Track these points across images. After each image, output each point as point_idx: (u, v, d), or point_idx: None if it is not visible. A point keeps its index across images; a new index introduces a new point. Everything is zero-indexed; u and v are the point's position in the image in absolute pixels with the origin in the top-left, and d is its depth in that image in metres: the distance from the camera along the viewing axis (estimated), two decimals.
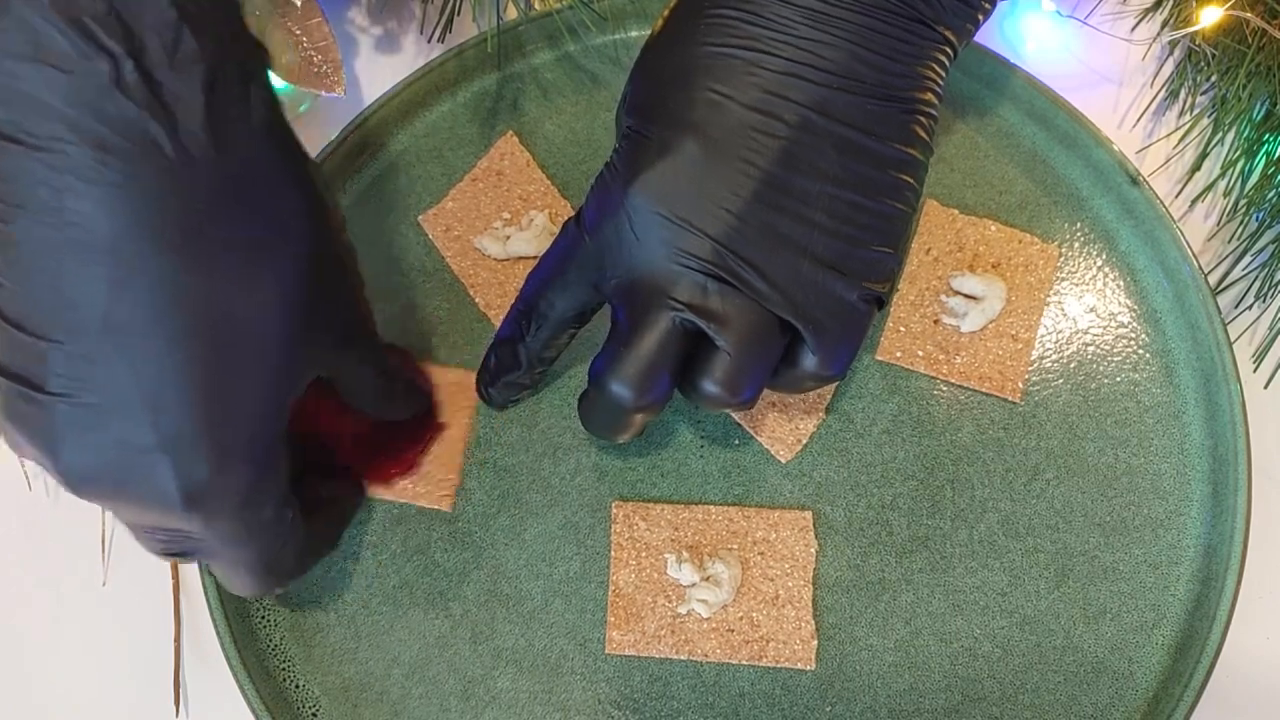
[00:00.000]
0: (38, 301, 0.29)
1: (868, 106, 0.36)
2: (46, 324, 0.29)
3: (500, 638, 0.44)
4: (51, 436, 0.30)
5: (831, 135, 0.36)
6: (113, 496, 0.32)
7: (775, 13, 0.36)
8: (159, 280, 0.29)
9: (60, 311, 0.29)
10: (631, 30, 0.50)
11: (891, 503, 0.45)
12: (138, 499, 0.32)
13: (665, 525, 0.44)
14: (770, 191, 0.36)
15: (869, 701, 0.43)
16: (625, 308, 0.38)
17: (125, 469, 0.31)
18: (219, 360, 0.31)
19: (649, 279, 0.37)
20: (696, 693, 0.43)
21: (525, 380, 0.43)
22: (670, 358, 0.37)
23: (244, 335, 0.32)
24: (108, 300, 0.29)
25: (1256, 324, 0.48)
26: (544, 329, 0.41)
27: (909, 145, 0.37)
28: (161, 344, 0.30)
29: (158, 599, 0.47)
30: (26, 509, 0.49)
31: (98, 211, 0.28)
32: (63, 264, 0.29)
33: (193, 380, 0.30)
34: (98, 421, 0.30)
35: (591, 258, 0.38)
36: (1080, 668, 0.43)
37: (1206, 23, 0.48)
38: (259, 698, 0.43)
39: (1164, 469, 0.45)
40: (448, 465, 0.46)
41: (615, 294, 0.38)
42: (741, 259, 0.36)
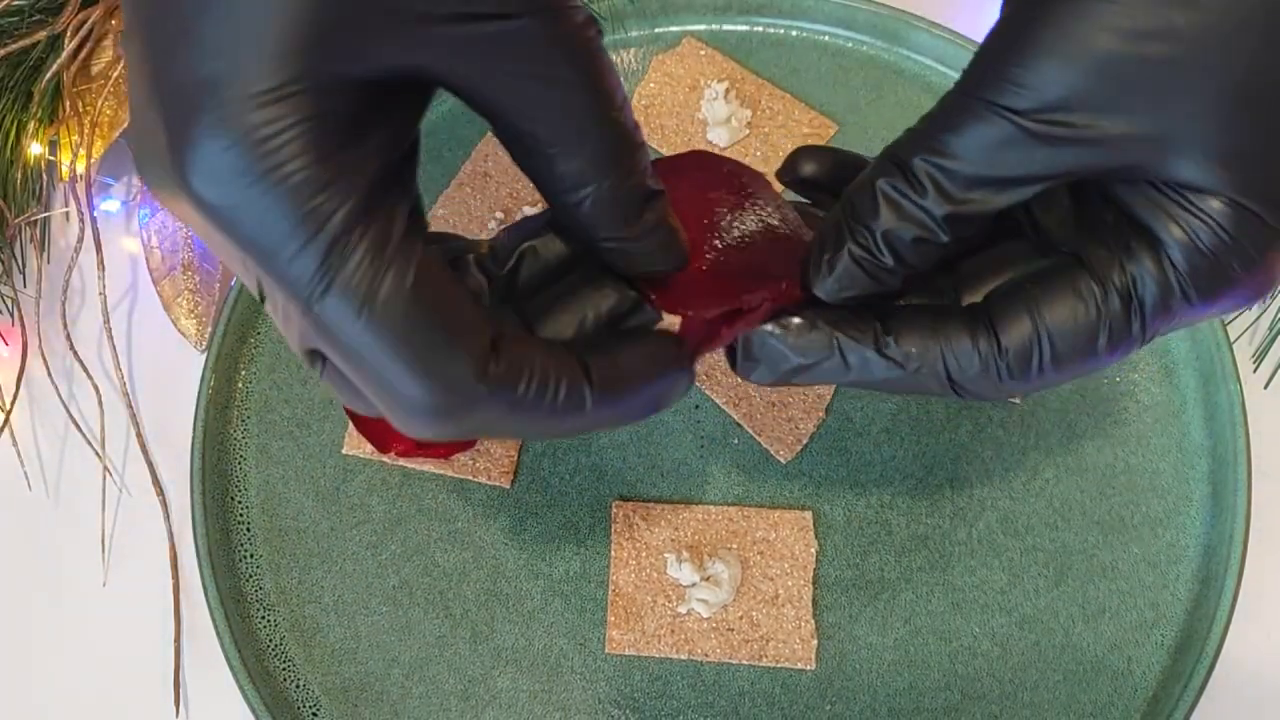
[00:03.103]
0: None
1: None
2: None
3: (500, 637, 0.44)
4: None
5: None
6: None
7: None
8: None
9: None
10: (632, 30, 0.50)
11: (891, 502, 0.45)
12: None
13: (665, 525, 0.44)
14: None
15: (869, 700, 0.43)
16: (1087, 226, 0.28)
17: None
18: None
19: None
20: (696, 692, 0.43)
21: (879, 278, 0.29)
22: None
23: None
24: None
25: (1256, 324, 0.48)
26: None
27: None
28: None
29: (158, 599, 0.47)
30: (26, 509, 0.49)
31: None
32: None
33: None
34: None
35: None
36: (1079, 666, 0.43)
37: None
38: (259, 698, 0.43)
39: (1163, 468, 0.45)
40: (507, 442, 0.46)
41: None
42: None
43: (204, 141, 0.23)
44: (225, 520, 0.46)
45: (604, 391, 0.27)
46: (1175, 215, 0.27)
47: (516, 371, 0.26)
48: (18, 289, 0.51)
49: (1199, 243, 0.27)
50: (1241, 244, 0.27)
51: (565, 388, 0.26)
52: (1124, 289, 0.28)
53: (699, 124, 0.50)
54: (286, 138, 0.23)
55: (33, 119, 0.51)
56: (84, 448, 0.49)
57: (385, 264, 0.24)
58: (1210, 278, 0.27)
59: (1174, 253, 0.27)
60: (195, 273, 0.49)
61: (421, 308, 0.24)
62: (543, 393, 0.26)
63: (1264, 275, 0.28)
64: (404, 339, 0.24)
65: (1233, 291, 0.28)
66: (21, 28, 0.51)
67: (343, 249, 0.23)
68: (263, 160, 0.22)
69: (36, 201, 0.51)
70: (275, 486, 0.46)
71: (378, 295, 0.24)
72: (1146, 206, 0.28)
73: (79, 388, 0.50)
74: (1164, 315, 0.28)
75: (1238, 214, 0.27)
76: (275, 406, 0.47)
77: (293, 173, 0.23)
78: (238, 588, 0.45)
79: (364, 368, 0.25)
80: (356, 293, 0.23)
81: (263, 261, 0.24)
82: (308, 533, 0.46)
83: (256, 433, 0.47)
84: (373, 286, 0.23)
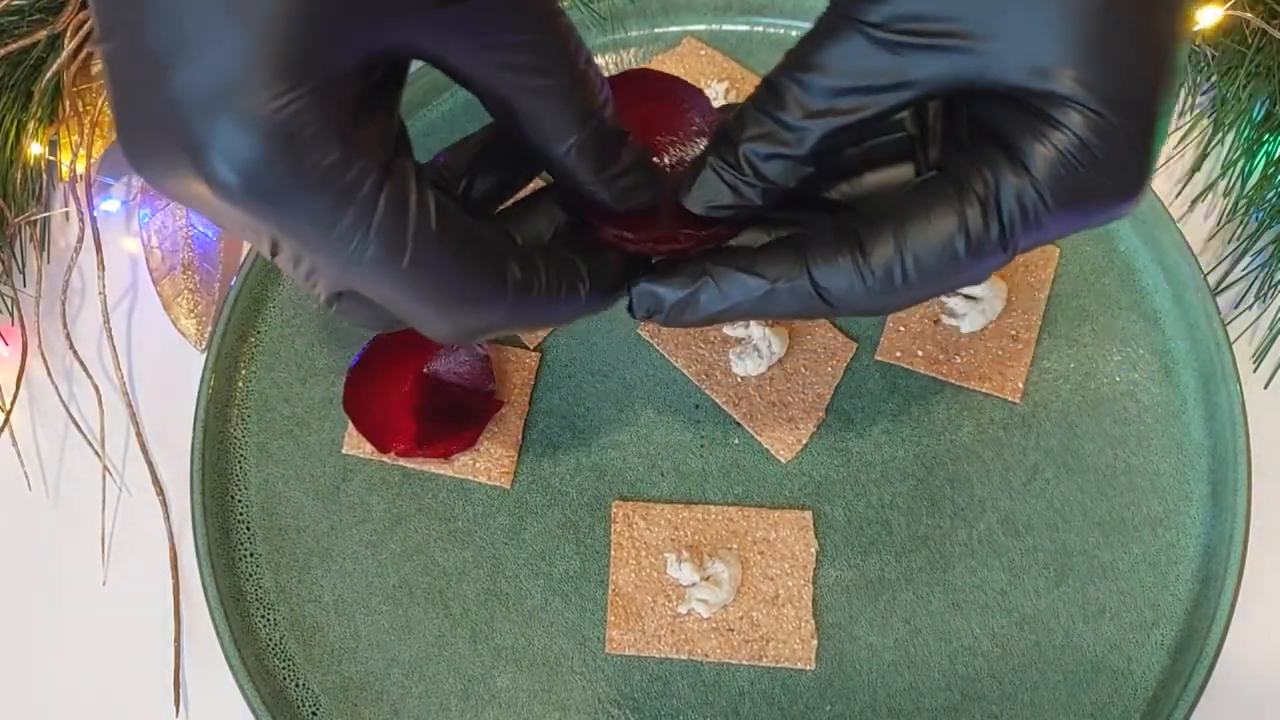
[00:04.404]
0: None
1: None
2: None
3: (500, 637, 0.44)
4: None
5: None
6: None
7: None
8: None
9: None
10: (632, 30, 0.50)
11: (891, 502, 0.45)
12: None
13: (665, 525, 0.44)
14: None
15: (869, 700, 0.43)
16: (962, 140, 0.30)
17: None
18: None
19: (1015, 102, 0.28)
20: (696, 692, 0.43)
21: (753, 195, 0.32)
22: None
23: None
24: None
25: (1256, 324, 0.48)
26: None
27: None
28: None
29: (158, 599, 0.47)
30: (26, 509, 0.49)
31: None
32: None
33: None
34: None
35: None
36: (1079, 666, 0.43)
37: (1206, 23, 0.48)
38: (259, 697, 0.43)
39: (1163, 468, 0.45)
40: (507, 443, 0.46)
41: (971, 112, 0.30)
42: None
43: (231, 140, 0.24)
44: (225, 520, 0.46)
45: (594, 287, 0.31)
46: (1031, 124, 0.28)
47: (530, 279, 0.30)
48: (18, 289, 0.51)
49: (1055, 149, 0.28)
50: (1098, 149, 0.28)
51: (567, 286, 0.31)
52: (984, 198, 0.29)
53: None
54: (308, 128, 0.24)
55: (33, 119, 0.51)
56: (84, 448, 0.49)
57: (412, 218, 0.27)
58: (1069, 184, 0.28)
59: (1031, 160, 0.28)
60: (195, 273, 0.49)
61: (449, 246, 0.28)
62: (552, 291, 0.30)
63: (1124, 179, 0.28)
64: (438, 278, 0.28)
65: (1094, 198, 0.29)
66: (21, 27, 0.51)
67: (375, 213, 0.26)
68: (291, 151, 0.24)
69: (36, 201, 0.51)
70: (275, 486, 0.46)
71: (410, 246, 0.27)
72: (1005, 118, 0.29)
73: (79, 388, 0.50)
74: (1027, 224, 0.29)
75: (1091, 120, 0.27)
76: (275, 406, 0.47)
77: (320, 157, 0.25)
78: (237, 587, 0.45)
79: (402, 305, 0.28)
80: (394, 247, 0.27)
81: (302, 238, 0.26)
82: (307, 532, 0.46)
83: (256, 432, 0.47)
84: (405, 239, 0.27)
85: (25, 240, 0.52)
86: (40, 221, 0.51)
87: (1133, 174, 0.29)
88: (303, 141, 0.24)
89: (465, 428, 0.45)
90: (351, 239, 0.26)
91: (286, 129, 0.24)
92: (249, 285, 0.48)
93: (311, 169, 0.25)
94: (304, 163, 0.25)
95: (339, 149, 0.25)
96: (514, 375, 0.47)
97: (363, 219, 0.26)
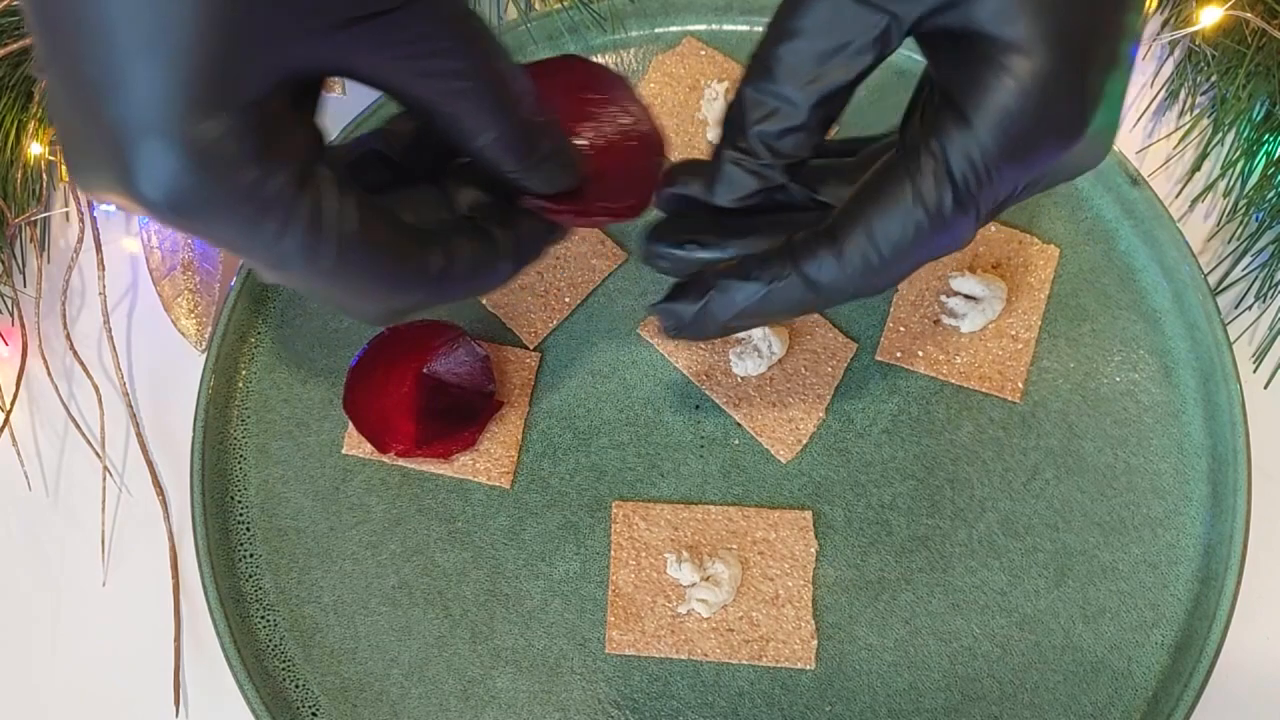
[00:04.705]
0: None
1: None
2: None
3: (499, 637, 0.44)
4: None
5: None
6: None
7: None
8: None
9: None
10: (632, 30, 0.50)
11: (891, 502, 0.45)
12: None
13: (665, 525, 0.44)
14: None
15: (869, 701, 0.43)
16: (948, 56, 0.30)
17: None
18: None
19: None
20: (696, 692, 0.43)
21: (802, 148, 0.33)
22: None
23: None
24: None
25: (1256, 324, 0.48)
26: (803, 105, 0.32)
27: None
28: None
29: (158, 599, 0.47)
30: (26, 509, 0.49)
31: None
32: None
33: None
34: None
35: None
36: (1079, 667, 0.43)
37: (1206, 23, 0.48)
38: (259, 698, 0.43)
39: (1163, 468, 0.45)
40: (507, 443, 0.46)
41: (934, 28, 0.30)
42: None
43: (156, 164, 0.26)
44: (225, 520, 0.46)
45: (515, 258, 0.33)
46: (978, 75, 0.29)
47: (449, 263, 0.31)
48: (18, 289, 0.51)
49: (996, 96, 0.29)
50: (1035, 93, 0.28)
51: (485, 263, 0.32)
52: (935, 166, 0.30)
53: (699, 124, 0.50)
54: (227, 149, 0.26)
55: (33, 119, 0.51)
56: (84, 448, 0.49)
57: (332, 223, 0.28)
58: (1011, 130, 0.29)
59: (975, 112, 0.29)
60: (195, 273, 0.49)
61: (369, 244, 0.29)
62: (472, 270, 0.32)
63: (1062, 123, 0.29)
64: (361, 273, 0.29)
65: (1036, 142, 0.29)
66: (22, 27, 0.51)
67: (296, 222, 0.28)
68: (211, 171, 0.26)
69: (36, 201, 0.51)
70: (275, 486, 0.46)
71: (333, 249, 0.28)
72: (953, 76, 0.30)
73: (79, 388, 0.50)
74: (979, 180, 0.30)
75: (1031, 64, 0.28)
76: (275, 406, 0.47)
77: (240, 175, 0.26)
78: (238, 588, 0.45)
79: (330, 296, 0.30)
80: (316, 250, 0.28)
81: (230, 246, 0.28)
82: (307, 532, 0.46)
83: (256, 433, 0.47)
84: (326, 243, 0.28)
85: (25, 240, 0.52)
86: (40, 221, 0.51)
87: (1071, 118, 0.29)
88: (222, 162, 0.26)
89: (465, 428, 0.45)
90: (276, 245, 0.28)
91: (206, 152, 0.26)
92: (249, 285, 0.48)
93: (232, 186, 0.26)
94: (225, 182, 0.26)
95: (257, 166, 0.26)
96: (514, 375, 0.47)
97: (284, 228, 0.27)
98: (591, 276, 0.48)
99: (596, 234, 0.48)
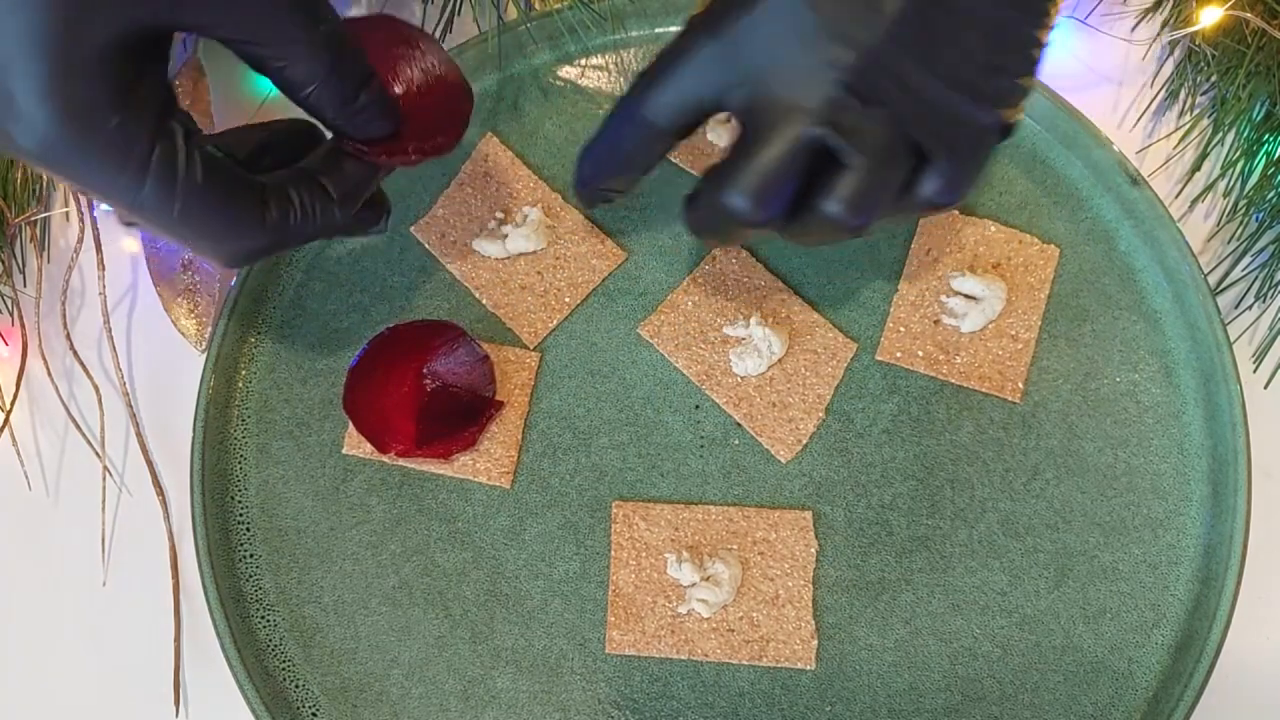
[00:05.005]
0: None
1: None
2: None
3: (500, 638, 0.44)
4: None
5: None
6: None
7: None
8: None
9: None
10: (632, 30, 0.50)
11: (891, 503, 0.45)
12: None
13: (665, 525, 0.44)
14: (921, 5, 0.34)
15: (869, 701, 0.43)
16: (752, 116, 0.35)
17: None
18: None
19: (783, 87, 0.34)
20: (696, 692, 0.43)
21: (620, 186, 0.41)
22: (796, 174, 0.35)
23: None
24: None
25: (1256, 324, 0.48)
26: (648, 138, 0.38)
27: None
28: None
29: (158, 599, 0.47)
30: (26, 509, 0.49)
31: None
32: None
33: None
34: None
35: (717, 59, 0.36)
36: (1080, 667, 0.43)
37: (1206, 23, 0.48)
38: (259, 698, 0.43)
39: (1163, 469, 0.45)
40: (507, 443, 0.46)
41: (740, 101, 0.36)
42: (888, 74, 0.34)
43: (32, 114, 0.31)
44: (225, 520, 0.46)
45: (343, 200, 0.38)
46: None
47: (284, 212, 0.36)
48: (18, 289, 0.51)
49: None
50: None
51: (321, 209, 0.37)
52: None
53: None
54: (89, 96, 0.31)
55: None
56: (84, 448, 0.49)
57: (180, 173, 0.33)
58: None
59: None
60: (195, 273, 0.49)
61: (211, 194, 0.34)
62: (306, 216, 0.37)
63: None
64: (205, 219, 0.34)
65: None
66: None
67: (149, 167, 0.32)
68: (78, 119, 0.31)
69: (36, 201, 0.51)
70: (275, 486, 0.46)
71: (180, 196, 0.33)
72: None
73: (79, 388, 0.50)
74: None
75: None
76: (275, 406, 0.47)
77: (102, 121, 0.31)
78: (238, 588, 0.45)
79: (179, 238, 0.35)
80: (166, 197, 0.33)
81: (92, 188, 0.33)
82: (307, 533, 0.46)
83: (256, 433, 0.47)
84: (174, 190, 0.33)
85: (25, 240, 0.52)
86: (40, 221, 0.51)
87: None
88: (84, 111, 0.31)
89: (465, 428, 0.45)
90: (134, 192, 0.33)
91: (70, 100, 0.30)
92: (249, 285, 0.48)
93: (95, 134, 0.31)
94: (88, 130, 0.31)
95: (115, 114, 0.31)
96: (514, 375, 0.47)
97: (140, 175, 0.32)
98: (591, 276, 0.48)
99: (596, 234, 0.48)
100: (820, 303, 0.47)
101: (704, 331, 0.47)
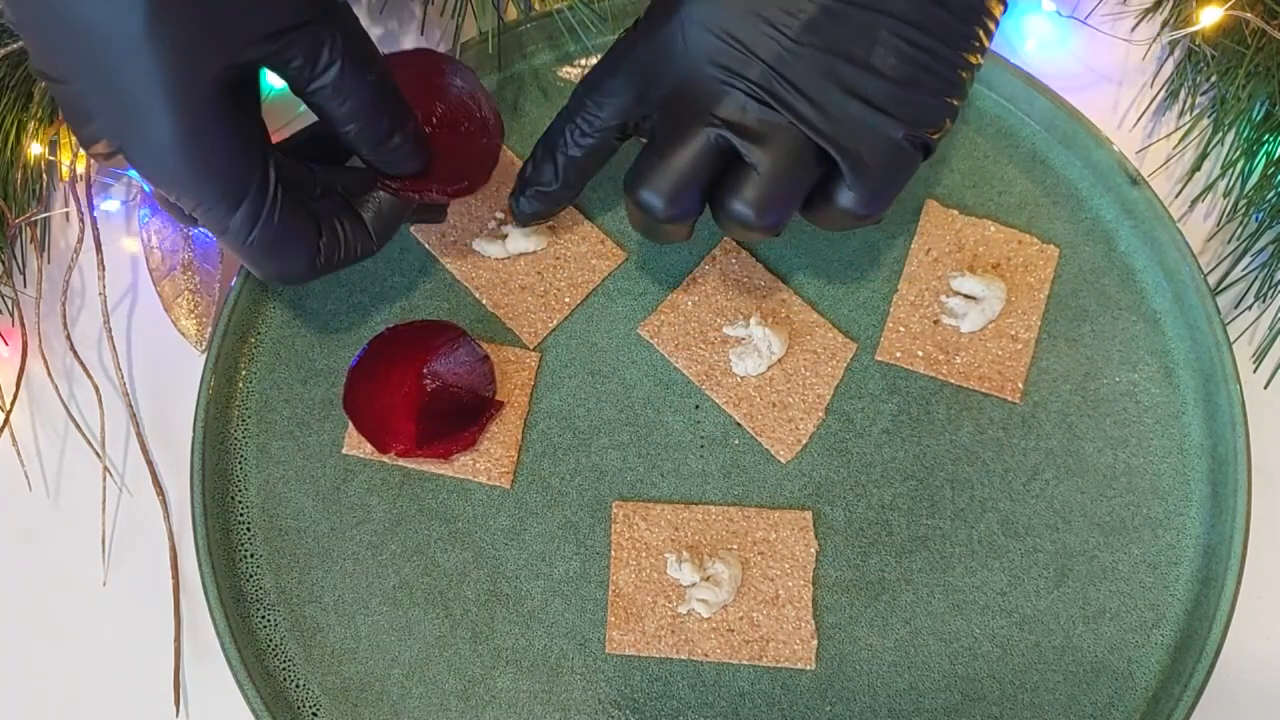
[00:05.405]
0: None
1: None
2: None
3: (500, 638, 0.44)
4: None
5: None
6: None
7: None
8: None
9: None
10: None
11: (891, 503, 0.45)
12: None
13: (665, 525, 0.44)
14: (828, 20, 0.36)
15: (869, 701, 0.43)
16: (664, 119, 0.38)
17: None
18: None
19: (692, 93, 0.37)
20: (696, 692, 0.43)
21: (558, 192, 0.43)
22: (702, 173, 0.38)
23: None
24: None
25: (1256, 324, 0.48)
26: (587, 135, 0.41)
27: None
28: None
29: (158, 599, 0.47)
30: (26, 509, 0.49)
31: None
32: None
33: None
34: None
35: (643, 63, 0.39)
36: (1080, 667, 0.43)
37: (1206, 23, 0.48)
38: (259, 698, 0.43)
39: (1163, 469, 0.45)
40: (507, 443, 0.46)
41: (658, 104, 0.39)
42: (788, 83, 0.36)
43: (154, 130, 0.34)
44: (225, 520, 0.46)
45: (379, 235, 0.41)
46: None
47: (332, 249, 0.40)
48: (18, 289, 0.51)
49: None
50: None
51: (362, 245, 0.41)
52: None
53: None
54: (209, 139, 0.35)
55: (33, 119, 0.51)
56: (84, 448, 0.49)
57: (267, 208, 0.37)
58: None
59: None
60: (195, 273, 0.49)
61: (284, 226, 0.37)
62: (346, 249, 0.40)
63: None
64: (267, 250, 0.38)
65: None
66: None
67: (244, 200, 0.36)
68: (199, 156, 0.35)
69: (36, 201, 0.51)
70: (275, 486, 0.46)
71: (259, 228, 0.37)
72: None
73: (79, 388, 0.50)
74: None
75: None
76: (275, 406, 0.47)
77: (215, 147, 0.35)
78: (238, 587, 0.45)
79: (234, 254, 0.39)
80: (249, 227, 0.37)
81: (187, 203, 0.36)
82: (308, 532, 0.46)
83: (256, 433, 0.47)
84: (256, 221, 0.37)
85: (25, 240, 0.52)
86: (40, 221, 0.51)
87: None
88: (204, 148, 0.35)
89: (465, 428, 0.45)
90: (224, 218, 0.36)
91: (190, 139, 0.34)
92: (249, 285, 0.48)
93: (212, 164, 0.35)
94: (205, 159, 0.35)
95: (226, 143, 0.35)
96: (514, 375, 0.47)
97: (234, 204, 0.36)
98: (591, 276, 0.48)
99: (597, 234, 0.48)
100: (820, 303, 0.47)
101: (704, 331, 0.47)
